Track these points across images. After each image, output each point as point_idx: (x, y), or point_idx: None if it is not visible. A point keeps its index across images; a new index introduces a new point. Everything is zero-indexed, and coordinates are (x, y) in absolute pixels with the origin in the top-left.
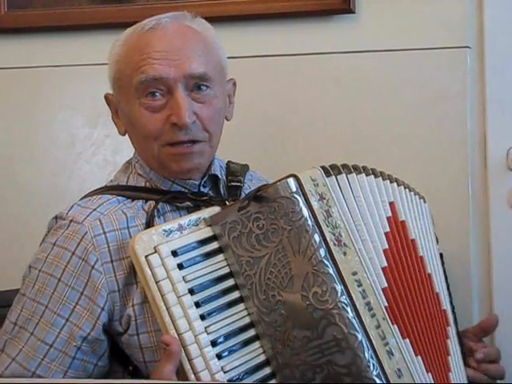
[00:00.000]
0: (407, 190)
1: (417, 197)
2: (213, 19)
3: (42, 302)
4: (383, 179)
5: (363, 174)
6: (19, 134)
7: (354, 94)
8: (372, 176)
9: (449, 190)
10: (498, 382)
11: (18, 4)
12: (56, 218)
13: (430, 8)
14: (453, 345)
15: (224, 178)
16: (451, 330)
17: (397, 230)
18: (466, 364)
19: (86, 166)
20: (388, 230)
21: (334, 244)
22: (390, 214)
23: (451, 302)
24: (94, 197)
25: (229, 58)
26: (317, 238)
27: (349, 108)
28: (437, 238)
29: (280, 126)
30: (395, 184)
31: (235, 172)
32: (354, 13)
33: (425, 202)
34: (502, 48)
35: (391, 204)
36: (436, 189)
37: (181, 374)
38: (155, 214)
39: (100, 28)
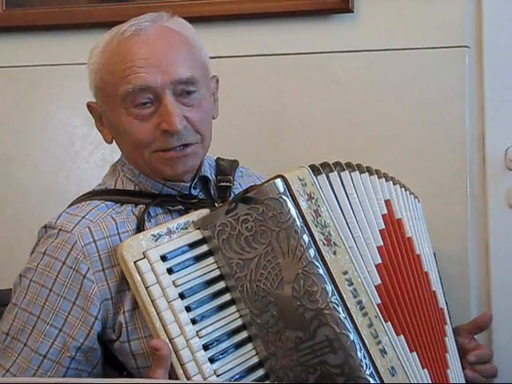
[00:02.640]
0: (403, 188)
1: (412, 196)
2: (211, 18)
3: (33, 313)
4: (379, 177)
5: (357, 172)
6: (17, 132)
7: (353, 93)
8: (367, 174)
9: (447, 190)
10: (495, 382)
11: (17, 2)
12: (45, 227)
13: (428, 7)
14: (450, 343)
15: (214, 177)
16: (448, 329)
17: (393, 228)
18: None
19: (84, 165)
20: (383, 227)
21: (324, 244)
22: (385, 211)
23: (445, 301)
24: (83, 203)
25: (227, 57)
26: (306, 238)
27: (347, 107)
28: None
29: (278, 126)
30: (391, 183)
31: (225, 171)
32: (352, 12)
33: (419, 201)
34: (501, 47)
35: (387, 202)
36: (434, 188)
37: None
38: (145, 218)
39: (99, 27)
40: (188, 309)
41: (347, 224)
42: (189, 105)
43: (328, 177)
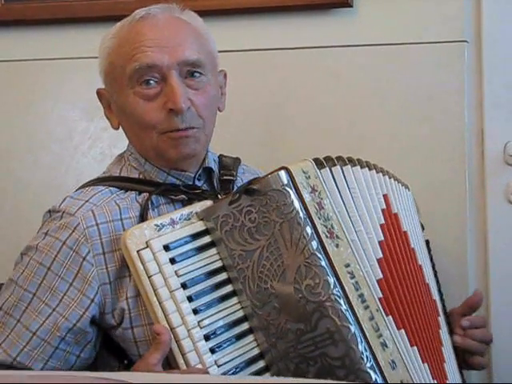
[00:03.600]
0: (396, 181)
1: (403, 187)
2: (210, 12)
3: (29, 290)
4: (376, 172)
5: (358, 167)
6: (16, 127)
7: (352, 87)
8: (366, 168)
9: (446, 185)
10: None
11: None
12: (50, 211)
13: (427, 2)
14: (444, 334)
15: (217, 171)
16: (441, 320)
17: (391, 222)
18: (453, 332)
19: (83, 159)
20: (383, 221)
21: (326, 236)
22: (384, 206)
23: (439, 290)
24: (87, 188)
25: (226, 51)
26: (309, 230)
27: (346, 102)
28: (422, 225)
29: (277, 120)
30: (387, 177)
31: (228, 166)
32: (351, 6)
33: (408, 190)
34: (500, 42)
35: (385, 196)
36: (433, 183)
37: (174, 368)
38: (149, 206)
39: (98, 21)
40: (190, 299)
41: (349, 218)
42: (194, 88)
43: (331, 171)
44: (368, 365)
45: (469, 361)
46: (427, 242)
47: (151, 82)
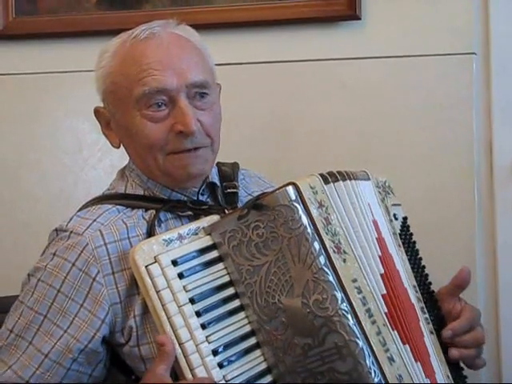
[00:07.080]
0: (362, 181)
1: (367, 181)
2: (220, 26)
3: (40, 312)
4: (365, 180)
5: (355, 181)
6: (26, 139)
7: (360, 99)
8: (358, 181)
9: (455, 196)
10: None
11: (25, 10)
12: (56, 230)
13: (436, 14)
14: (428, 340)
15: (219, 183)
16: (422, 324)
17: (378, 233)
18: (443, 319)
19: (92, 171)
20: (377, 235)
21: (334, 251)
22: (372, 217)
23: (421, 277)
24: (94, 207)
25: (235, 64)
26: (316, 245)
27: (355, 114)
28: (398, 204)
29: (287, 132)
30: (367, 182)
31: (228, 176)
32: (359, 19)
33: (369, 179)
34: (508, 54)
35: (370, 205)
36: (442, 194)
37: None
38: (156, 223)
39: (106, 34)
40: (198, 314)
41: (354, 233)
42: (201, 108)
43: (335, 186)
44: (376, 379)
45: (471, 367)
46: (405, 219)
47: (160, 104)
